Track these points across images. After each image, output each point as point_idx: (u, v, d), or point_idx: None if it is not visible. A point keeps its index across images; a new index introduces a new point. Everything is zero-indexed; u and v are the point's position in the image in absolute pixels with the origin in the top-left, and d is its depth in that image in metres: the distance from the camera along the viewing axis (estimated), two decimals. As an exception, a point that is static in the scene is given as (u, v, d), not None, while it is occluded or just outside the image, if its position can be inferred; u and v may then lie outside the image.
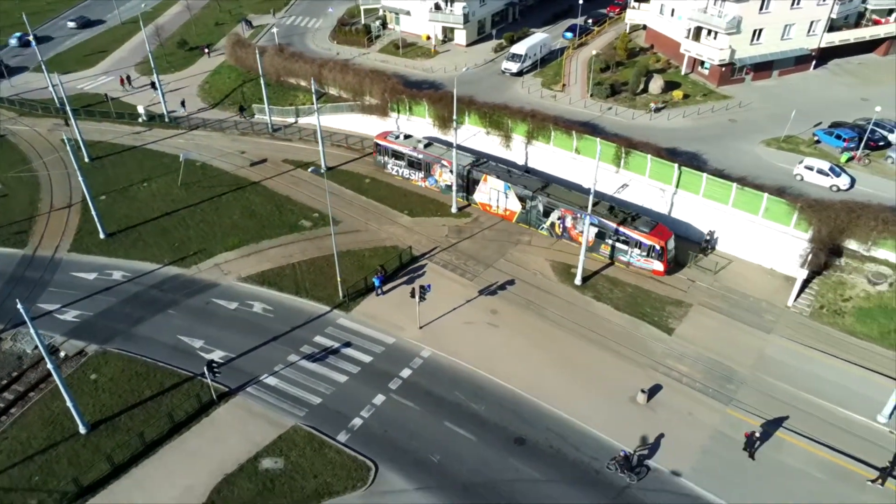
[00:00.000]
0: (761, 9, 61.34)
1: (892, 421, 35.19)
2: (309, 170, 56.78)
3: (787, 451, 33.95)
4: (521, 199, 48.69)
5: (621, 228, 44.40)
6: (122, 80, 74.77)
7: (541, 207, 47.86)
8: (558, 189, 48.38)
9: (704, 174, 46.21)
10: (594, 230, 45.18)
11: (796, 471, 33.15)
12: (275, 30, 79.04)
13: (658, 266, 44.29)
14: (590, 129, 54.19)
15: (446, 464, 33.84)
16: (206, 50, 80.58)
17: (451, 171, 50.48)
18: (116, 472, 33.62)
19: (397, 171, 55.72)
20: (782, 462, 33.44)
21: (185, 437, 35.49)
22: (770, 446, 34.02)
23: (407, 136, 55.67)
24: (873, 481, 32.07)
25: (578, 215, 45.91)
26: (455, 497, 32.29)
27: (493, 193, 50.22)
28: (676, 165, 47.15)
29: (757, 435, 33.08)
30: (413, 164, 54.24)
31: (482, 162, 51.66)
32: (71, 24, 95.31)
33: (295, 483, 32.97)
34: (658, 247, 43.58)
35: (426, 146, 53.92)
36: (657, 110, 59.64)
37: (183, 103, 68.72)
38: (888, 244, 41.70)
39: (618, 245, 45.18)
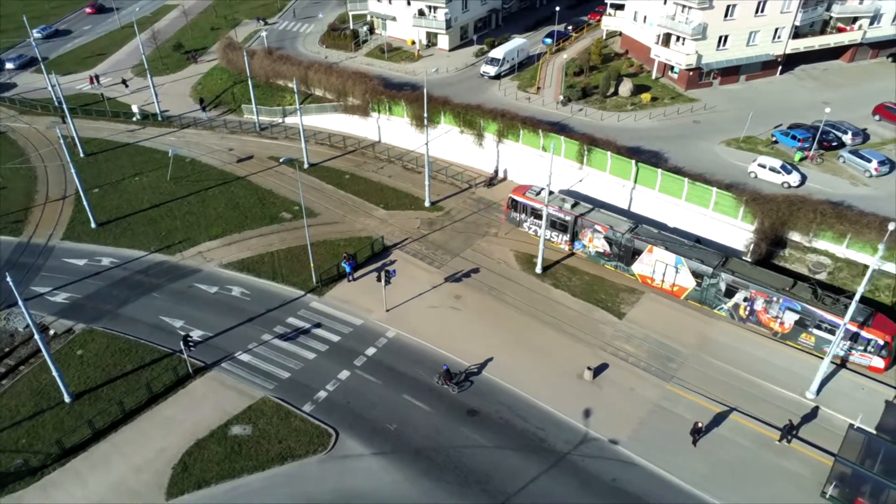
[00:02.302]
0: (726, 16, 64.15)
1: (820, 396, 37.69)
2: (280, 160, 59.38)
3: (720, 424, 36.40)
4: (698, 275, 42.59)
5: (833, 318, 37.93)
6: (91, 80, 78.96)
7: (722, 286, 41.78)
8: (744, 265, 42.28)
9: (659, 170, 48.93)
10: (793, 316, 39.72)
11: (725, 439, 35.69)
12: (263, 33, 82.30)
13: (878, 363, 37.99)
14: (560, 128, 57.00)
15: (402, 431, 36.50)
16: (193, 56, 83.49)
17: (606, 238, 45.98)
18: (97, 436, 36.35)
19: (535, 231, 49.47)
20: (714, 432, 35.94)
21: (161, 407, 38.23)
22: (704, 419, 36.44)
23: (549, 193, 47.57)
24: (779, 440, 34.73)
25: (774, 299, 39.94)
26: (407, 461, 34.92)
27: (658, 266, 44.05)
28: (634, 162, 49.87)
29: (700, 425, 35.13)
30: (557, 226, 48.44)
31: (639, 228, 46.15)
32: (88, 10, 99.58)
33: (261, 447, 35.66)
34: (882, 342, 37.51)
35: (573, 206, 48.03)
36: (564, 103, 63.49)
37: (204, 108, 71.70)
38: (827, 235, 44.30)
39: (826, 336, 38.65)
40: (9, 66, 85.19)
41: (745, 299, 41.09)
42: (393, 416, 37.42)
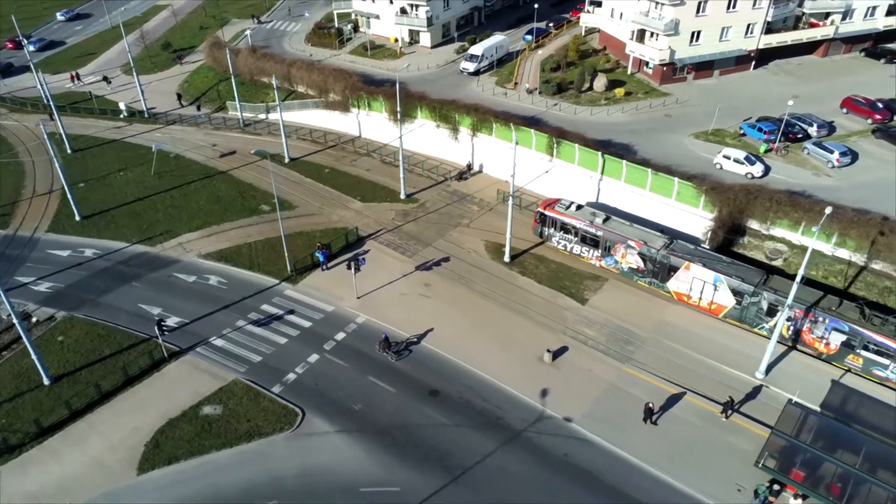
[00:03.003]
0: (698, 12, 65.54)
1: (769, 376, 39.19)
2: (252, 151, 60.75)
3: (672, 403, 37.87)
4: (738, 293, 41.35)
5: (885, 341, 36.73)
6: (72, 77, 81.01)
7: (764, 305, 40.66)
8: (788, 284, 39.18)
9: (624, 161, 50.41)
10: (840, 337, 38.42)
11: (676, 417, 37.18)
12: (248, 32, 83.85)
13: None
14: (534, 122, 58.48)
15: (366, 411, 38.05)
16: (179, 57, 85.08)
17: (640, 255, 44.78)
18: (74, 416, 37.92)
19: (565, 246, 48.92)
20: (665, 410, 37.39)
21: (136, 389, 39.82)
22: (657, 399, 37.90)
23: (579, 207, 48.58)
24: (722, 415, 36.34)
25: (819, 319, 38.62)
26: (370, 439, 36.46)
27: (695, 284, 42.77)
28: (600, 154, 51.35)
29: (651, 405, 36.58)
30: (588, 241, 47.29)
31: (675, 244, 44.63)
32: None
33: (230, 426, 37.24)
34: None
35: (605, 221, 46.88)
36: (530, 91, 65.75)
37: (199, 107, 73.44)
38: (784, 223, 45.76)
39: (874, 357, 37.56)
40: (30, 48, 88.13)
41: (789, 319, 39.41)
42: (358, 396, 38.96)
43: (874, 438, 32.83)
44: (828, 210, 35.51)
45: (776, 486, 32.21)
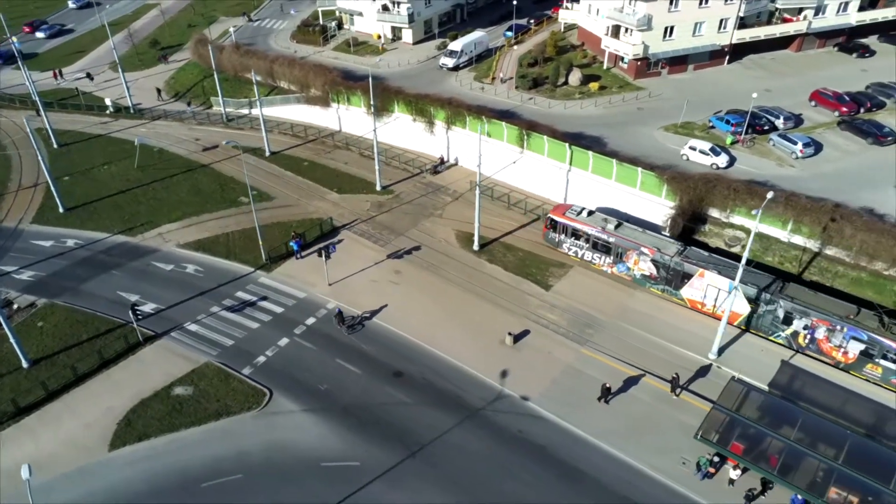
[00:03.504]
0: (671, 7, 66.91)
1: (722, 357, 40.60)
2: (224, 142, 62.26)
3: (627, 383, 39.26)
4: (753, 300, 40.79)
5: None
6: (54, 74, 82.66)
7: (780, 313, 40.04)
8: (804, 292, 40.09)
9: (590, 152, 51.80)
10: (858, 346, 37.73)
11: (629, 396, 38.61)
12: (232, 29, 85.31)
13: None
14: (509, 116, 59.83)
15: (332, 391, 39.51)
16: (164, 56, 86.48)
17: (654, 261, 44.06)
18: (50, 397, 39.39)
19: (576, 252, 48.13)
20: (620, 390, 38.76)
21: (111, 371, 41.30)
22: (614, 379, 39.24)
23: (591, 213, 47.89)
24: (672, 392, 37.72)
25: (837, 327, 38.05)
26: (334, 417, 37.92)
27: (710, 291, 42.13)
28: (567, 145, 52.74)
29: (608, 386, 37.92)
30: (600, 248, 46.60)
31: (689, 251, 44.09)
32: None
33: (200, 405, 38.71)
34: None
35: (616, 227, 46.27)
36: (503, 81, 67.96)
37: (189, 103, 75.03)
38: (742, 211, 47.14)
39: (894, 367, 37.08)
40: (39, 35, 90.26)
41: (807, 327, 39.08)
42: (325, 377, 40.43)
43: (812, 413, 34.21)
44: (769, 195, 36.89)
45: (716, 459, 33.61)
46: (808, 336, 39.41)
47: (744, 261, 37.44)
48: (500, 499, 33.48)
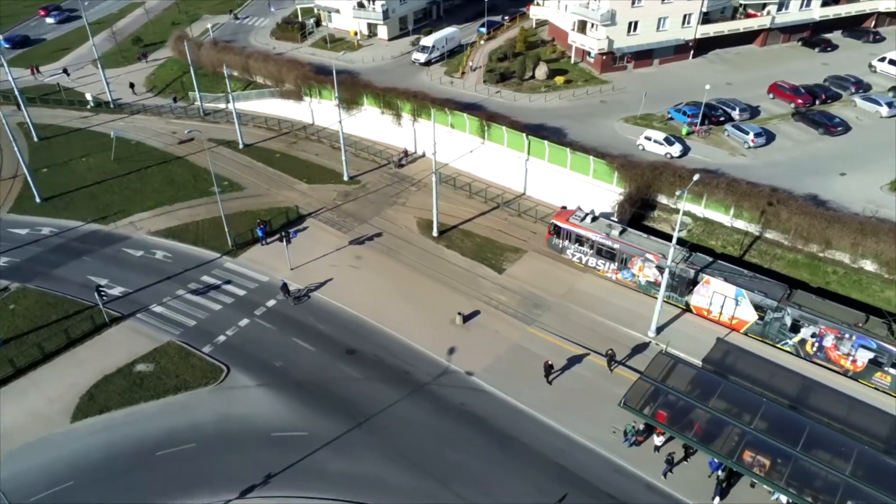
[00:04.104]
0: (634, 3, 68.72)
1: (661, 335, 42.45)
2: (186, 132, 64.09)
3: (570, 360, 41.06)
4: (760, 308, 40.39)
5: None
6: (32, 70, 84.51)
7: (788, 321, 39.64)
8: (812, 299, 39.77)
9: (546, 142, 53.66)
10: (867, 354, 37.30)
11: (571, 372, 40.44)
12: (209, 26, 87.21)
13: None
14: (476, 109, 61.65)
15: (286, 367, 41.42)
16: (144, 55, 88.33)
17: (659, 268, 43.27)
18: (17, 373, 41.31)
19: (579, 259, 47.78)
20: (562, 367, 40.56)
21: (78, 350, 43.20)
22: (557, 357, 41.07)
23: (595, 219, 47.07)
24: (608, 367, 39.55)
25: (845, 336, 37.70)
26: (288, 391, 39.80)
27: (716, 298, 41.78)
28: (525, 135, 54.61)
29: (550, 363, 39.59)
30: (604, 254, 46.02)
31: (694, 257, 43.43)
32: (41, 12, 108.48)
33: (160, 381, 40.61)
34: None
35: (621, 233, 45.51)
36: (474, 69, 70.56)
37: (175, 99, 76.87)
38: (687, 197, 48.79)
39: None
40: (49, 21, 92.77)
41: (815, 335, 38.80)
42: (281, 355, 42.33)
43: (733, 384, 36.04)
44: (695, 177, 38.80)
45: (641, 427, 35.47)
46: (816, 344, 38.96)
47: (674, 240, 39.28)
48: (439, 465, 35.32)
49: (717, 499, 32.84)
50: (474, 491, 34.20)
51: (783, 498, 31.87)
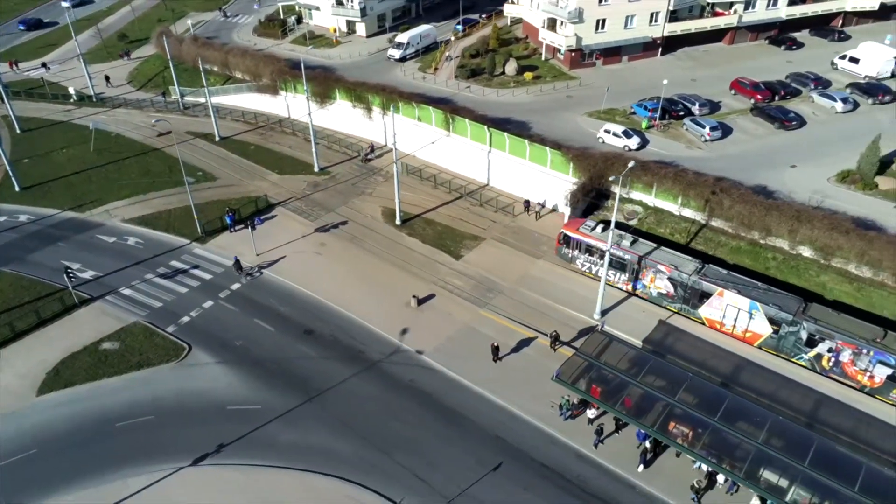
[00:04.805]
0: (601, 1, 70.55)
1: (606, 317, 44.31)
2: (153, 121, 66.02)
3: (517, 341, 42.90)
4: (775, 322, 39.59)
5: None
6: (10, 64, 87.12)
7: (804, 335, 38.82)
8: (828, 313, 38.87)
9: (506, 134, 55.53)
10: (886, 371, 36.47)
11: (517, 352, 42.26)
12: (189, 21, 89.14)
13: None
14: (445, 103, 63.46)
15: (246, 346, 43.30)
16: (126, 52, 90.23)
17: (671, 279, 42.90)
18: (-11, 351, 43.24)
19: (589, 269, 47.16)
20: (510, 347, 42.39)
21: (47, 329, 45.08)
22: (507, 338, 42.92)
23: (604, 229, 45.73)
24: (551, 347, 41.33)
25: (863, 351, 36.74)
26: (245, 369, 41.68)
27: (729, 311, 40.92)
28: (486, 127, 56.48)
29: (496, 344, 41.38)
30: (614, 264, 44.94)
31: (707, 269, 42.74)
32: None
33: (124, 358, 42.50)
34: None
35: (632, 243, 44.97)
36: (451, 59, 72.48)
37: (164, 93, 79.01)
38: (638, 187, 50.90)
39: None
40: (65, 4, 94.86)
41: (831, 350, 38.05)
42: (242, 335, 44.21)
43: (666, 361, 37.92)
44: (630, 164, 40.61)
45: (575, 401, 37.36)
46: (833, 359, 38.19)
47: (612, 224, 41.13)
48: (385, 437, 37.18)
49: (642, 467, 34.70)
50: (416, 460, 36.05)
51: (704, 466, 33.67)
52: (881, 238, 42.39)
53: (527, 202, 54.95)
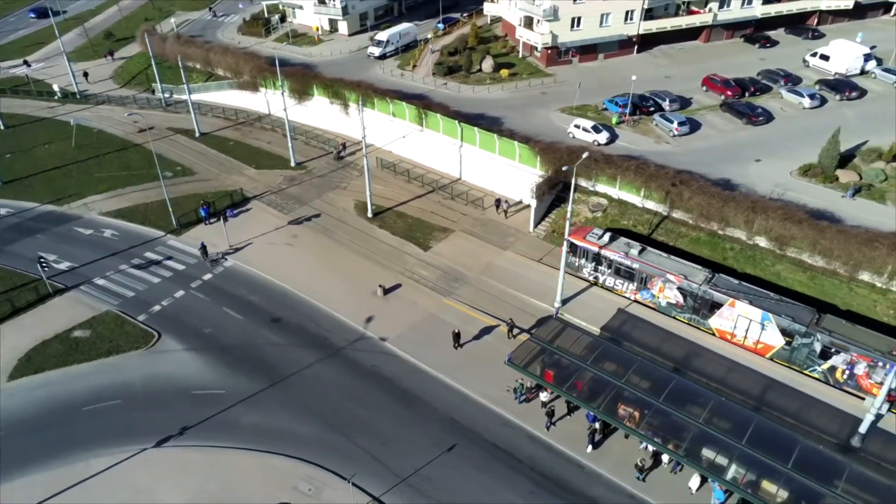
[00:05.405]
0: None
1: (567, 306, 45.36)
2: (127, 114, 67.17)
3: (479, 328, 43.95)
4: (787, 333, 38.72)
5: None
6: None
7: (817, 347, 37.93)
8: (842, 324, 37.68)
9: (476, 129, 56.62)
10: None
11: (477, 339, 43.33)
12: (172, 20, 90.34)
13: None
14: (420, 99, 64.53)
15: (215, 334, 44.37)
16: (110, 52, 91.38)
17: (680, 289, 42.07)
18: (-38, 339, 44.28)
19: (596, 278, 46.35)
20: (471, 334, 43.43)
21: (21, 318, 46.18)
22: (470, 326, 43.99)
23: (612, 238, 45.43)
24: (508, 334, 42.40)
25: (879, 363, 35.88)
26: (213, 355, 42.75)
27: (741, 322, 40.07)
28: (457, 122, 57.59)
29: (457, 331, 42.51)
30: (623, 274, 44.52)
31: (717, 279, 41.65)
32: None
33: (94, 345, 43.56)
34: None
35: (640, 252, 44.20)
36: (433, 52, 74.92)
37: (163, 91, 79.96)
38: (603, 179, 51.99)
39: None
40: None
41: (846, 362, 37.07)
42: (211, 323, 45.28)
43: (613, 345, 39.00)
44: (584, 155, 41.72)
45: (529, 385, 38.42)
46: (847, 372, 37.35)
47: (569, 213, 42.20)
48: (345, 420, 38.24)
49: (590, 447, 35.75)
50: (374, 442, 37.12)
51: (651, 446, 34.74)
52: (832, 228, 43.45)
53: (497, 200, 55.98)
